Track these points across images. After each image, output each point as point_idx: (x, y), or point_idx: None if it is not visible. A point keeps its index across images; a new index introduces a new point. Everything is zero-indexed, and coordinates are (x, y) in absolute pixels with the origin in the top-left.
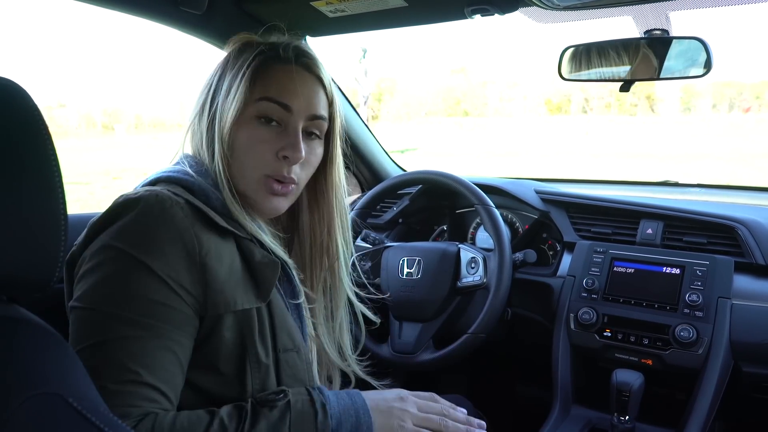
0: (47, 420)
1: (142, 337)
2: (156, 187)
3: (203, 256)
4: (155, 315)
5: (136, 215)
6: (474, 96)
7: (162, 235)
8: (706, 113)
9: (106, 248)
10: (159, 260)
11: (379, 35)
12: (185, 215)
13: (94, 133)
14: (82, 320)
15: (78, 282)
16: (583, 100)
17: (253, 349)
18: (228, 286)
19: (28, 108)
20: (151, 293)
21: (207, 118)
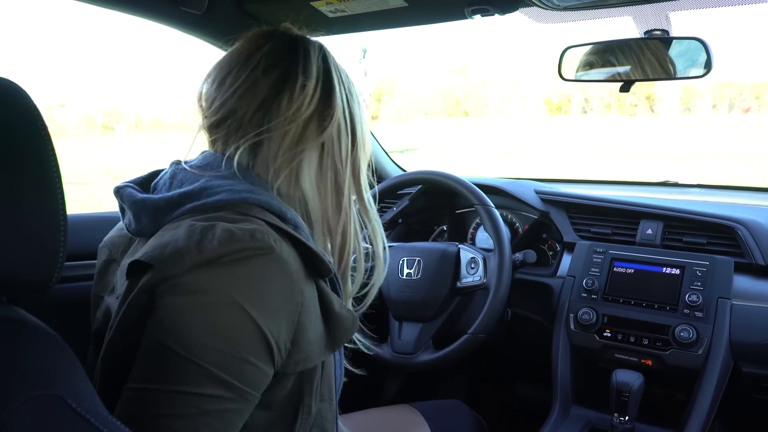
0: (47, 421)
1: (221, 398)
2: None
3: (302, 314)
4: (242, 376)
5: (253, 261)
6: (474, 96)
7: (276, 287)
8: (706, 113)
9: (213, 290)
10: (267, 315)
11: (379, 35)
12: (297, 266)
13: (94, 133)
14: (160, 359)
15: (164, 309)
16: (583, 100)
17: (308, 399)
18: (312, 344)
19: (28, 108)
20: (248, 352)
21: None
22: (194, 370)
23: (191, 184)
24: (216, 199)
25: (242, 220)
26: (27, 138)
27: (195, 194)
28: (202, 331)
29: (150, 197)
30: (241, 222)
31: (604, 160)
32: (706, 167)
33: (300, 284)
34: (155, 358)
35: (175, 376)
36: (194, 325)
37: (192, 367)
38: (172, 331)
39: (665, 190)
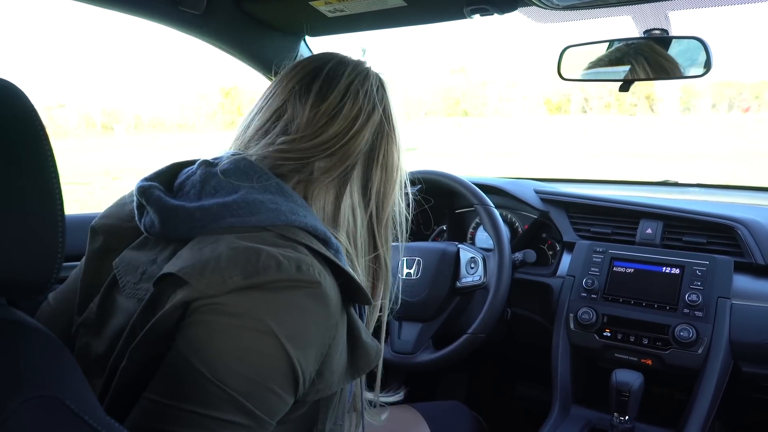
0: (45, 422)
1: (241, 425)
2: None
3: (332, 346)
4: (264, 406)
5: (295, 293)
6: (473, 96)
7: (315, 321)
8: (705, 113)
9: (249, 315)
10: (299, 346)
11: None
12: (337, 300)
13: (93, 134)
14: (182, 376)
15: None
16: (582, 99)
17: (323, 423)
18: (335, 374)
19: (26, 109)
20: (274, 382)
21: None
22: (217, 394)
23: (228, 194)
24: (259, 219)
25: (287, 246)
26: (25, 139)
27: (235, 209)
28: (233, 355)
29: (183, 206)
30: (286, 248)
31: (603, 159)
32: (705, 167)
33: (336, 318)
34: (179, 374)
35: (196, 397)
36: (225, 349)
37: (215, 391)
38: (202, 352)
39: (665, 189)
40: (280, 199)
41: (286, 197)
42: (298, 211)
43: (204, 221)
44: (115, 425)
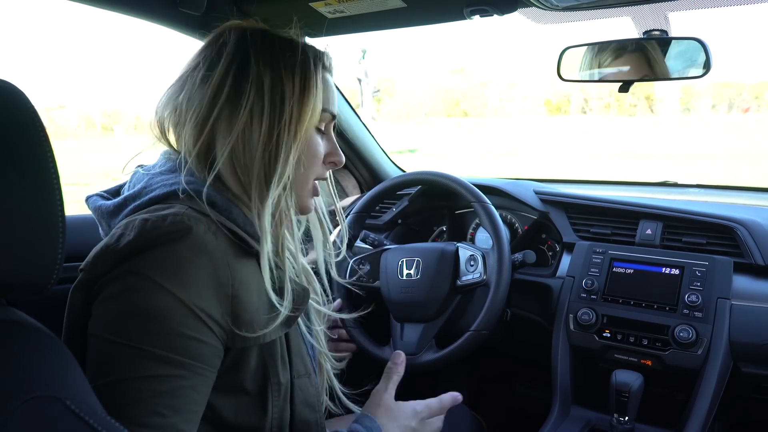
0: (45, 423)
1: (171, 376)
2: (175, 205)
3: (235, 287)
4: (186, 351)
5: (167, 243)
6: (473, 96)
7: (196, 265)
8: (705, 113)
9: (134, 276)
10: (191, 292)
11: (378, 36)
12: (219, 243)
13: (93, 134)
14: (105, 353)
15: (99, 307)
16: (582, 100)
17: (275, 376)
18: (257, 318)
19: (26, 110)
20: (183, 327)
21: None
22: (138, 355)
23: (139, 185)
24: (150, 197)
25: (164, 208)
26: (25, 140)
27: (136, 195)
28: (135, 316)
29: (104, 203)
30: (161, 210)
31: (603, 160)
32: (705, 167)
33: (224, 259)
34: (100, 354)
35: (122, 366)
36: (126, 313)
37: (135, 353)
38: (109, 324)
39: (664, 190)
40: (174, 175)
41: (182, 173)
42: (186, 181)
43: (116, 213)
44: (115, 425)
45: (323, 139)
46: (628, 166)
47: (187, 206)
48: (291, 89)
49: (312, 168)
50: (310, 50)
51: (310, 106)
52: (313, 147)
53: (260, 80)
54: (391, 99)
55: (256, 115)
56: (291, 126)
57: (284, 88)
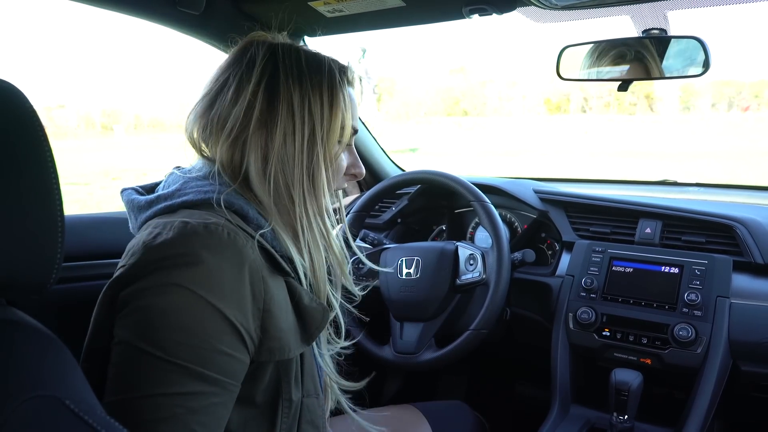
0: (44, 422)
1: (206, 393)
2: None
3: (267, 301)
4: (221, 368)
5: (207, 253)
6: (473, 95)
7: (235, 276)
8: (705, 112)
9: (173, 287)
10: (231, 304)
11: (377, 35)
12: (255, 256)
13: (93, 134)
14: (138, 363)
15: (132, 313)
16: (582, 99)
17: (287, 393)
18: (284, 333)
19: (25, 110)
20: (221, 343)
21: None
22: (172, 370)
23: (173, 186)
24: (183, 200)
25: (201, 215)
26: (24, 140)
27: (169, 195)
28: (172, 328)
29: (137, 198)
30: (198, 217)
31: (603, 159)
32: (705, 166)
33: (259, 273)
34: (130, 364)
35: (154, 380)
36: (163, 324)
37: (170, 367)
38: (144, 334)
39: (664, 189)
40: (209, 182)
41: (216, 181)
42: (219, 190)
43: (146, 209)
44: (115, 424)
45: (346, 152)
46: (627, 164)
47: (225, 218)
48: (319, 106)
49: (336, 181)
50: (335, 65)
51: (339, 122)
52: (339, 161)
53: (290, 98)
54: (391, 98)
55: (289, 133)
56: (323, 143)
57: (312, 104)
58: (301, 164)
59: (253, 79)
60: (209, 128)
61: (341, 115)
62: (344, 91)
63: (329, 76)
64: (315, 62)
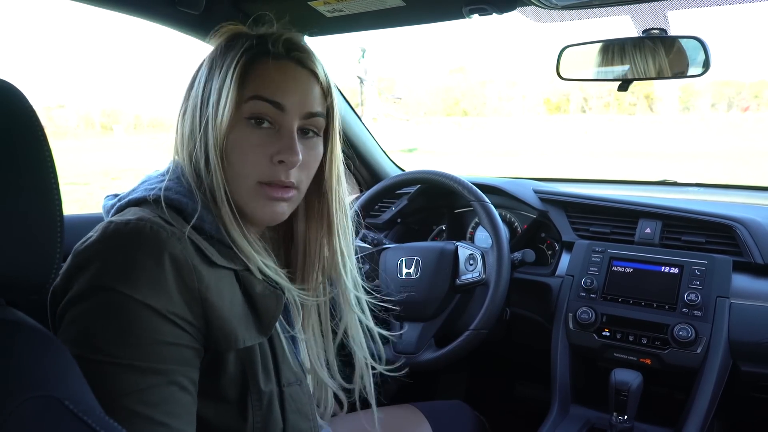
0: (44, 423)
1: (160, 385)
2: (145, 210)
3: (202, 291)
4: (167, 358)
5: (129, 250)
6: (473, 95)
7: (159, 270)
8: (704, 112)
9: (100, 289)
10: (161, 298)
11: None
12: (182, 248)
13: (92, 134)
14: (89, 372)
15: (70, 324)
16: (582, 99)
17: (255, 385)
18: (229, 323)
19: (25, 110)
20: (160, 335)
21: (199, 121)
22: (122, 371)
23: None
24: (129, 199)
25: (134, 212)
26: (23, 139)
27: (123, 196)
28: (108, 330)
29: (107, 203)
30: (129, 215)
31: (602, 159)
32: (704, 166)
33: (188, 263)
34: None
35: (109, 384)
36: (99, 328)
37: (119, 369)
38: (85, 343)
39: (664, 189)
40: (160, 180)
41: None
42: (164, 187)
43: (108, 213)
44: (114, 425)
45: (264, 134)
46: (627, 165)
47: (157, 213)
48: (218, 79)
49: (244, 166)
50: (257, 38)
51: (226, 93)
52: (239, 142)
53: (197, 75)
54: (393, 95)
55: (188, 116)
56: (214, 117)
57: (214, 79)
58: (200, 141)
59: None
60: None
61: (228, 86)
62: (248, 60)
63: (240, 48)
64: (237, 40)
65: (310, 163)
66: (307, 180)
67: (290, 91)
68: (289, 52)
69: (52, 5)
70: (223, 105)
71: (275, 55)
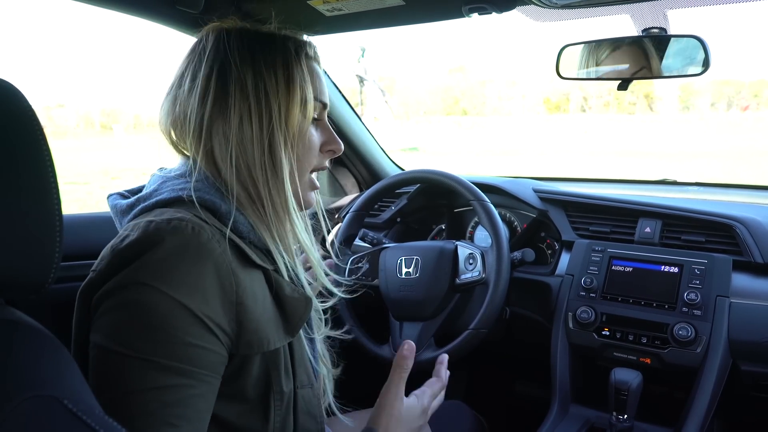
0: (43, 422)
1: (180, 386)
2: (180, 210)
3: (239, 294)
4: (192, 360)
5: (170, 250)
6: (473, 95)
7: (199, 271)
8: (704, 111)
9: (137, 285)
10: (196, 298)
11: (376, 34)
12: (222, 250)
13: (92, 133)
14: (109, 365)
15: (101, 316)
16: (581, 98)
17: (278, 385)
18: (261, 326)
19: (24, 109)
20: (189, 336)
21: (260, 125)
22: (144, 366)
23: (152, 186)
24: (157, 200)
25: (171, 212)
26: (22, 139)
27: (146, 196)
28: (139, 325)
29: (119, 202)
30: (166, 214)
31: (602, 158)
32: (704, 165)
33: (227, 266)
34: (104, 366)
35: (128, 378)
36: (130, 323)
37: (141, 364)
38: (113, 335)
39: (664, 188)
40: (184, 180)
41: (192, 179)
42: (193, 188)
43: (127, 212)
44: (114, 424)
45: (318, 129)
46: (627, 164)
47: (192, 213)
48: (274, 84)
49: (308, 159)
50: (290, 42)
51: (297, 98)
52: (307, 138)
53: (242, 80)
54: (391, 97)
55: (245, 116)
56: (281, 121)
57: (267, 84)
58: (260, 144)
59: (204, 68)
60: (178, 123)
61: (299, 90)
62: (302, 65)
63: (283, 52)
64: (267, 41)
65: None
66: None
67: (326, 91)
68: (317, 57)
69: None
70: (296, 108)
71: (315, 59)
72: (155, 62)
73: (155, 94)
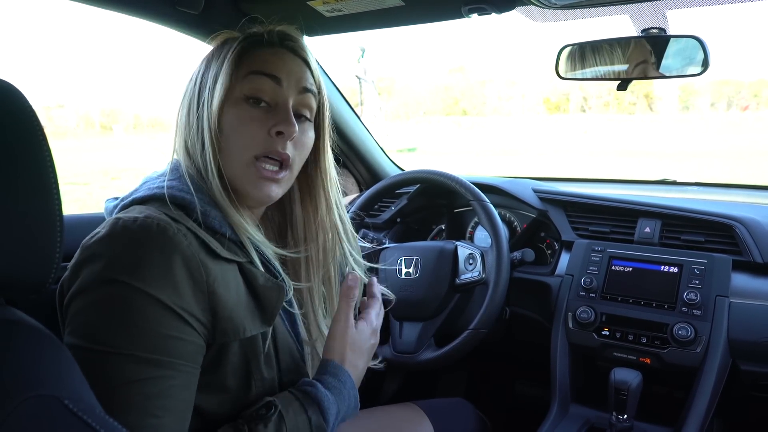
0: (44, 422)
1: (159, 377)
2: (150, 208)
3: (210, 284)
4: (169, 351)
5: (137, 245)
6: (472, 95)
7: (168, 264)
8: (704, 111)
9: (106, 282)
10: (167, 290)
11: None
12: (189, 243)
13: (92, 134)
14: (89, 362)
15: (75, 315)
16: (581, 98)
17: (258, 372)
18: (236, 313)
19: (24, 109)
20: (164, 327)
21: (196, 110)
22: (123, 360)
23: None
24: (133, 198)
25: (141, 210)
26: (23, 139)
27: (127, 196)
28: (113, 321)
29: (108, 204)
30: (136, 212)
31: (602, 158)
32: (704, 165)
33: (196, 258)
34: (84, 364)
35: (108, 373)
36: (105, 319)
37: (120, 359)
38: (88, 334)
39: (663, 188)
40: (163, 179)
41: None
42: (167, 186)
43: (111, 213)
44: (114, 424)
45: (259, 111)
46: (627, 164)
47: (163, 211)
48: (204, 68)
49: (238, 141)
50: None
51: (223, 76)
52: (236, 119)
53: (194, 77)
54: (390, 97)
55: (184, 106)
56: (207, 103)
57: (207, 74)
58: (194, 129)
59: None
60: None
61: (227, 70)
62: (229, 46)
63: (218, 46)
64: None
65: (304, 143)
66: (300, 162)
67: (286, 68)
68: (283, 42)
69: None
70: (220, 85)
71: (270, 44)
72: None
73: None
